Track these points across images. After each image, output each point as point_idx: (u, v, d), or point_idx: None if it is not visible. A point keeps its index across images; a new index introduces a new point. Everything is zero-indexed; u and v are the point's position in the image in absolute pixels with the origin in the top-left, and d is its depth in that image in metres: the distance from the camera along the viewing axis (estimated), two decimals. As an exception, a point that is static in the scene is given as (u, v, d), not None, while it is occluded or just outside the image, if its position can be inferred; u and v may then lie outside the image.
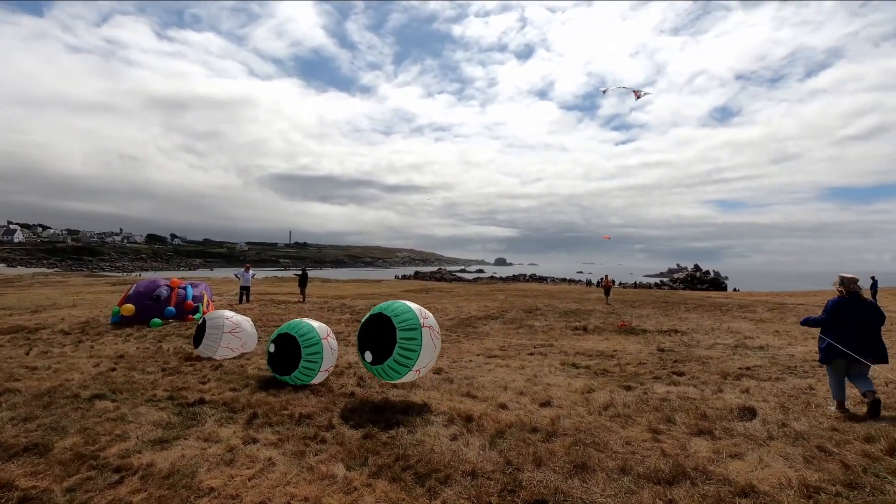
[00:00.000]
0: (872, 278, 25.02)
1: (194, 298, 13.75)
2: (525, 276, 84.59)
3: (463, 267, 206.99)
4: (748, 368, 7.95)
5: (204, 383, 6.66)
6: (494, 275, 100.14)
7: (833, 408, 5.49)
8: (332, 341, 6.80)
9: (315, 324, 6.81)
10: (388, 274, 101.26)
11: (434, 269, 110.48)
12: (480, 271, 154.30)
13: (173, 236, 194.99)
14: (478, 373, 7.72)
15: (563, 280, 72.08)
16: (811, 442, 4.46)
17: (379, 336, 5.71)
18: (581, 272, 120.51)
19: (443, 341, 11.09)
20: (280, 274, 66.85)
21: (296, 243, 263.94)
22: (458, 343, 10.89)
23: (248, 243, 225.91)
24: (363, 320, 6.08)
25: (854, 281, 5.51)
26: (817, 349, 5.79)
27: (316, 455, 4.24)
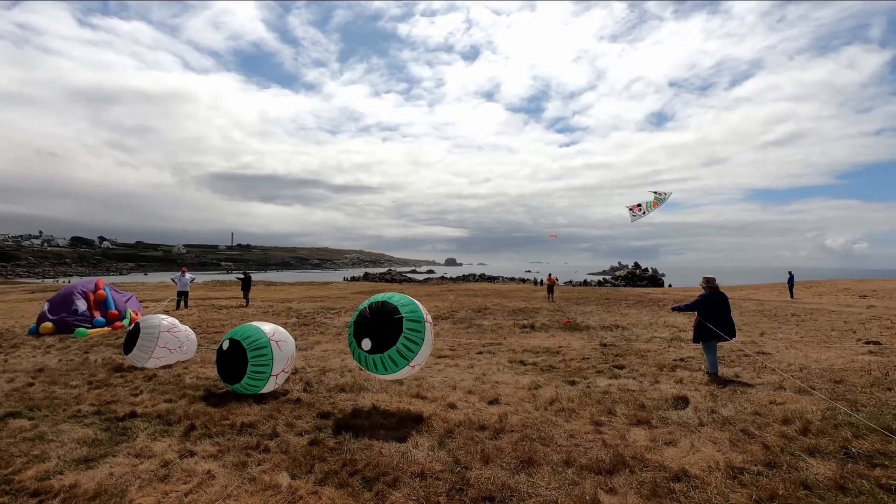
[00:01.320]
0: (789, 273, 27.25)
1: (117, 308, 12.77)
2: (475, 275, 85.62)
3: (413, 268, 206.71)
4: (682, 360, 8.43)
5: (136, 395, 6.25)
6: (445, 275, 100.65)
7: (704, 372, 7.32)
8: (285, 343, 6.47)
9: (264, 326, 6.47)
10: (336, 276, 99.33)
11: (384, 270, 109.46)
12: (431, 272, 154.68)
13: (102, 239, 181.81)
14: (427, 373, 7.71)
15: (512, 279, 73.56)
16: (736, 426, 4.79)
17: (382, 324, 5.38)
18: (529, 271, 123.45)
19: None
20: (222, 277, 63.96)
21: (238, 245, 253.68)
22: (408, 344, 10.85)
23: (186, 246, 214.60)
24: (361, 307, 5.69)
25: (713, 280, 7.69)
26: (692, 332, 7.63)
27: (259, 465, 4.08)
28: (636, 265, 77.01)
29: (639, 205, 13.17)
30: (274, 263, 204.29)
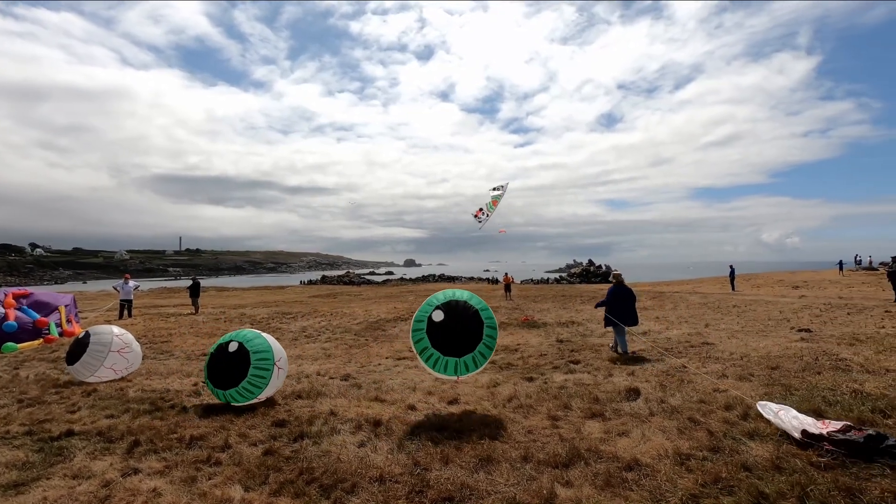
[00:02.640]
0: (731, 267, 28.85)
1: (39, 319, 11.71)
2: (435, 276, 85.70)
3: (372, 269, 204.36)
4: (633, 352, 8.75)
5: (73, 412, 5.84)
6: (404, 276, 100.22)
7: (615, 351, 8.73)
8: (284, 369, 6.27)
9: (272, 344, 6.18)
10: (292, 280, 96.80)
11: (342, 272, 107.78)
12: (390, 273, 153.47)
13: (34, 246, 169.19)
14: (387, 376, 7.66)
15: (472, 279, 74.12)
16: (684, 414, 5.02)
17: (467, 328, 5.37)
18: (488, 270, 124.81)
19: (350, 346, 10.87)
20: (169, 284, 61.02)
21: (187, 250, 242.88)
22: (367, 347, 10.73)
23: (129, 251, 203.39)
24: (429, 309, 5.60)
25: (620, 275, 9.35)
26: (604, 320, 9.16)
27: (210, 479, 3.91)
28: (590, 262, 79.40)
29: (480, 209, 13.88)
30: (226, 268, 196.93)
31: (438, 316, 5.40)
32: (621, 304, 8.75)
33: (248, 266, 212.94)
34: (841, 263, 37.40)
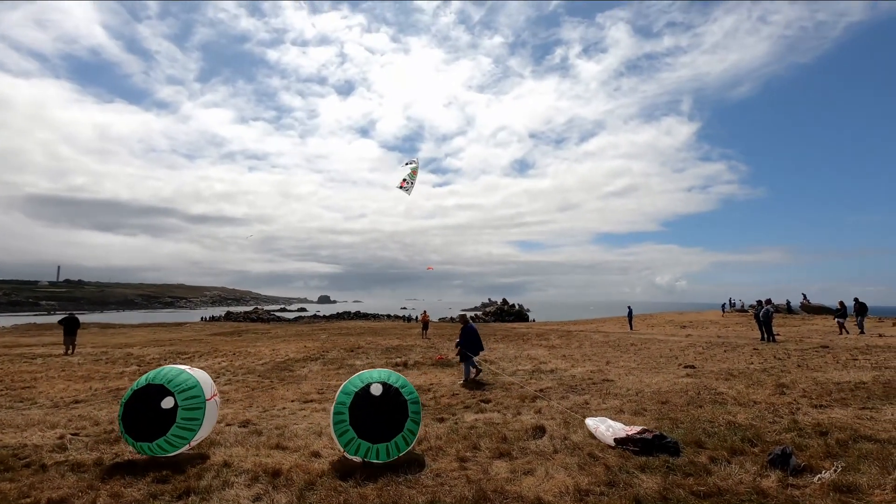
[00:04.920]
0: (629, 307, 31.26)
1: None
2: (350, 313, 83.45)
3: (283, 306, 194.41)
4: (541, 390, 9.05)
5: None
6: (318, 313, 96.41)
7: (460, 384, 10.04)
8: (216, 402, 5.64)
9: (200, 378, 5.54)
10: (192, 316, 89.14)
11: (249, 308, 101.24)
12: (303, 310, 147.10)
13: None
14: (291, 420, 7.21)
15: (388, 316, 73.12)
16: (584, 451, 5.24)
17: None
18: (405, 308, 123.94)
19: (253, 388, 10.14)
20: (41, 320, 53.37)
21: (67, 281, 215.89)
22: (272, 389, 10.06)
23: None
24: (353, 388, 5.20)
25: (466, 315, 11.90)
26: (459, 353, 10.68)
27: (68, 551, 3.37)
28: (504, 301, 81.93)
29: (404, 180, 14.81)
30: (114, 302, 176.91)
31: (377, 390, 5.19)
32: (471, 340, 10.59)
33: (141, 300, 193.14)
34: (724, 305, 42.40)
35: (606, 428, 5.57)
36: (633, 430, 5.36)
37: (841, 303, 20.80)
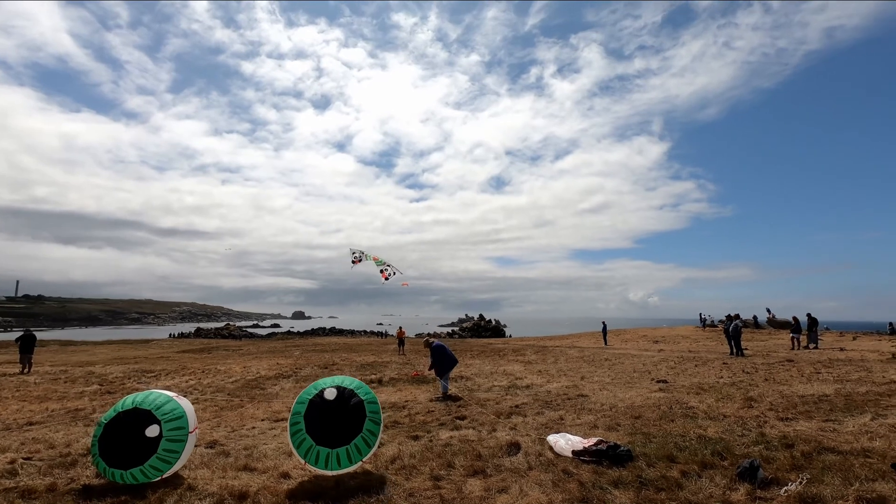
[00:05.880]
0: (603, 323, 31.64)
1: None
2: (325, 329, 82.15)
3: (256, 322, 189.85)
4: (517, 406, 9.03)
5: None
6: (292, 329, 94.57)
7: (437, 399, 10.21)
8: (196, 435, 5.44)
9: (186, 409, 5.30)
10: (161, 332, 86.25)
11: (221, 324, 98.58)
12: (276, 326, 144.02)
13: None
14: (261, 440, 6.99)
15: (364, 332, 72.24)
16: (559, 467, 5.22)
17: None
18: (381, 324, 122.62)
19: (221, 407, 9.82)
20: (-4, 337, 50.71)
21: (26, 296, 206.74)
22: (241, 408, 9.77)
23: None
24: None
25: (428, 336, 13.64)
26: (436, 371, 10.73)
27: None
28: (481, 317, 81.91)
29: (383, 271, 15.67)
30: (76, 318, 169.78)
31: (331, 394, 5.09)
32: (443, 358, 10.59)
33: (106, 316, 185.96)
34: (704, 321, 41.48)
35: (566, 442, 5.80)
36: (589, 442, 5.60)
37: (795, 318, 21.79)
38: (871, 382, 10.44)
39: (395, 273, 15.54)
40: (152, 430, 4.87)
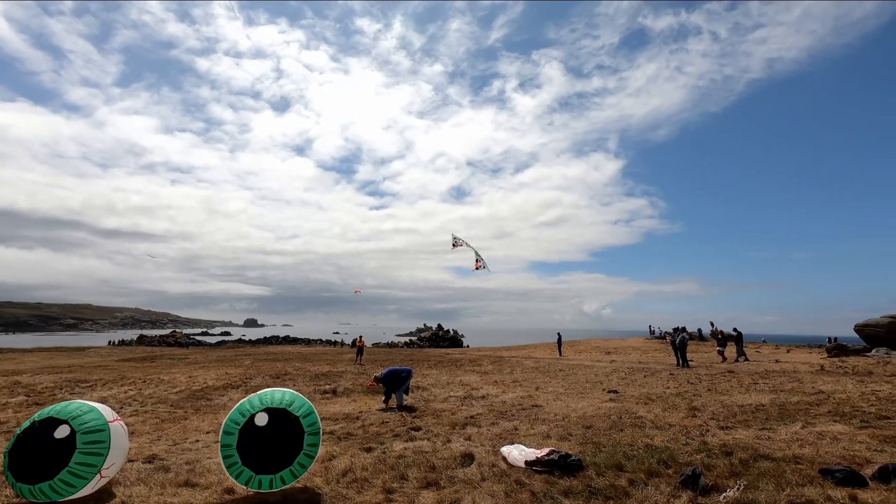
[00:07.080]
0: (558, 334, 32.29)
1: None
2: (278, 337, 79.77)
3: (205, 329, 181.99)
4: (472, 417, 9.03)
5: None
6: (243, 337, 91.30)
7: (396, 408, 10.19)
8: (122, 426, 5.00)
9: (96, 405, 4.91)
10: (99, 339, 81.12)
11: (166, 331, 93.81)
12: (227, 333, 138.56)
13: None
14: (204, 454, 6.67)
15: (319, 341, 70.60)
16: (511, 477, 5.25)
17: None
18: (337, 332, 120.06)
19: (163, 420, 9.31)
20: None
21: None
22: (185, 420, 9.29)
23: None
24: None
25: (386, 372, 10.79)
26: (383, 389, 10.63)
27: None
28: (439, 327, 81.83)
29: (477, 261, 16.78)
30: (2, 323, 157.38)
31: (262, 419, 4.84)
32: (397, 376, 10.51)
33: (37, 322, 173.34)
34: (665, 334, 42.66)
35: (519, 452, 5.89)
36: (542, 452, 5.71)
37: (722, 332, 23.49)
38: (803, 392, 11.14)
39: (484, 267, 17.20)
40: (62, 431, 4.45)
